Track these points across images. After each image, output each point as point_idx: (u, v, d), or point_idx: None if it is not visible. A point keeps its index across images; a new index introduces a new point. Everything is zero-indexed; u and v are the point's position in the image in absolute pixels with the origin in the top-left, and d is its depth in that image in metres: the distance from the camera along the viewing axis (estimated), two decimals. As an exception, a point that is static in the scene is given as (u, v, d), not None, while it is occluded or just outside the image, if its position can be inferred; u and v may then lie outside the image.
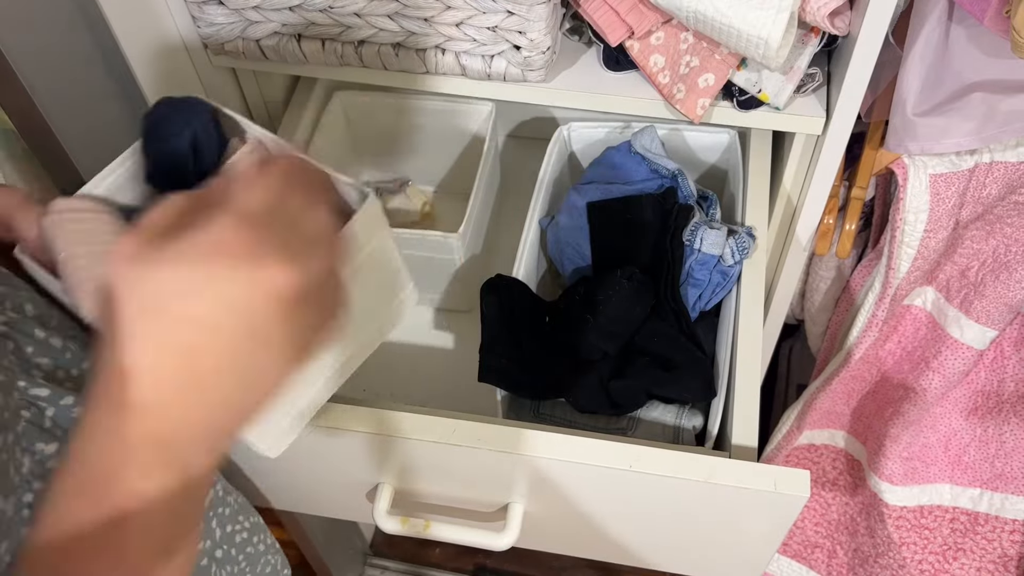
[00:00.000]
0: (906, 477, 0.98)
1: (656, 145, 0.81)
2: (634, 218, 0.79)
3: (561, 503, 0.70)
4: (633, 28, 0.76)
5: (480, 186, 0.88)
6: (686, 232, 0.75)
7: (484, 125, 0.94)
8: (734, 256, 0.75)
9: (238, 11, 0.79)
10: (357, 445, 0.67)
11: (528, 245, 0.82)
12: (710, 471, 0.63)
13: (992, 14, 0.65)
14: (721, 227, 0.76)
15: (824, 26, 0.70)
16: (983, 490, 0.98)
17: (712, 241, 0.74)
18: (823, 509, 1.08)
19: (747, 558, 0.74)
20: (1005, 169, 0.81)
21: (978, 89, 0.74)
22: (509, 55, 0.77)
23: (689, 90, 0.77)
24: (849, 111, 0.75)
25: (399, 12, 0.76)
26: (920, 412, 0.94)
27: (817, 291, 1.03)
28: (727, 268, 0.76)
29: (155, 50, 0.79)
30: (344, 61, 0.81)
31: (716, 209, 0.80)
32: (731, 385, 0.72)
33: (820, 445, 1.06)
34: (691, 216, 0.77)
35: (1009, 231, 0.84)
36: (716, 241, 0.74)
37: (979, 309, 0.88)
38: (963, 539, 0.99)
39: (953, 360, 0.91)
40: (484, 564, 1.38)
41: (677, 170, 0.80)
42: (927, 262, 0.87)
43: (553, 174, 0.89)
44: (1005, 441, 0.95)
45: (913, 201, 0.82)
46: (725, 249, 0.75)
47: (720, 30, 0.69)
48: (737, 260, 0.75)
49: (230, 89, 0.92)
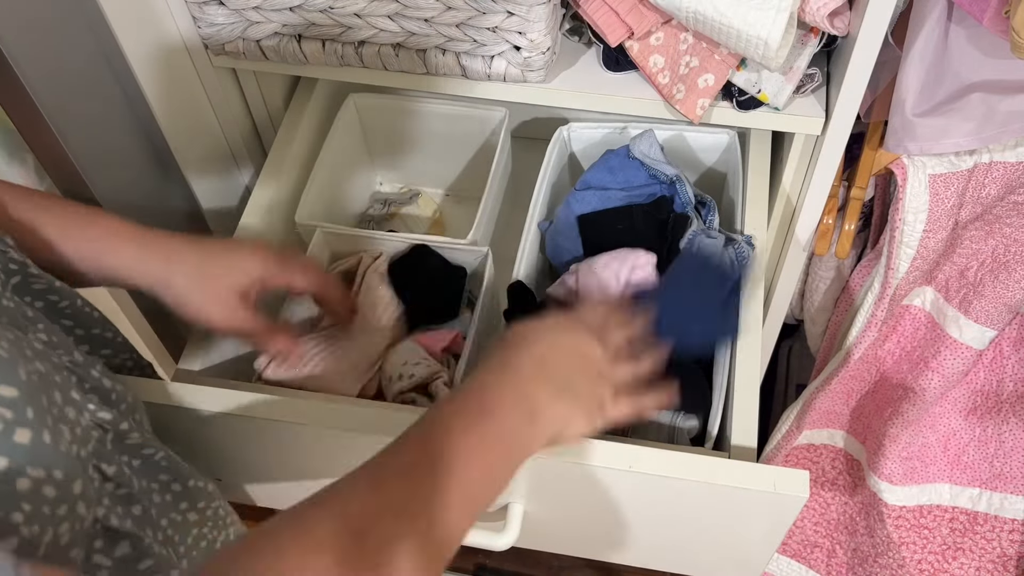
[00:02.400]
0: (905, 477, 0.98)
1: (655, 150, 0.81)
2: (624, 229, 0.79)
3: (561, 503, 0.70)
4: (633, 28, 0.76)
5: (491, 191, 0.88)
6: (683, 241, 0.75)
7: (496, 129, 0.94)
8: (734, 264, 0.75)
9: (239, 11, 0.79)
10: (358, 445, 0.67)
11: (528, 247, 0.82)
12: (709, 471, 0.63)
13: (991, 14, 0.65)
14: (718, 236, 0.76)
15: (824, 26, 0.70)
16: (982, 490, 0.98)
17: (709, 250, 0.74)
18: (822, 509, 1.08)
19: (746, 558, 0.74)
20: (1004, 169, 0.81)
21: (977, 89, 0.74)
22: (509, 55, 0.78)
23: (689, 90, 0.77)
24: (848, 111, 0.75)
25: (399, 12, 0.76)
26: (919, 412, 0.94)
27: (816, 291, 1.03)
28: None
29: (156, 50, 0.79)
30: (344, 62, 0.81)
31: (714, 215, 0.80)
32: (730, 385, 0.72)
33: (819, 445, 1.06)
34: (688, 225, 0.77)
35: (1008, 231, 0.84)
36: (713, 250, 0.74)
37: (978, 309, 0.88)
38: (962, 539, 0.99)
39: (952, 360, 0.91)
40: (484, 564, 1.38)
41: (675, 176, 0.79)
42: (926, 262, 0.87)
43: (553, 175, 0.89)
44: (1004, 441, 0.95)
45: (912, 201, 0.82)
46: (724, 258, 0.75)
47: (720, 30, 0.70)
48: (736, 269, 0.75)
49: (230, 90, 0.92)
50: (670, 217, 0.78)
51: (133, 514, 0.51)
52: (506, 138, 0.93)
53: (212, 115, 0.90)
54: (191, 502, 0.58)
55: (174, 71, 0.83)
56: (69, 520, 0.43)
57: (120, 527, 0.49)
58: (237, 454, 0.72)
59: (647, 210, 0.79)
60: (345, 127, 0.96)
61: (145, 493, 0.54)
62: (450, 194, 1.07)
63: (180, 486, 0.58)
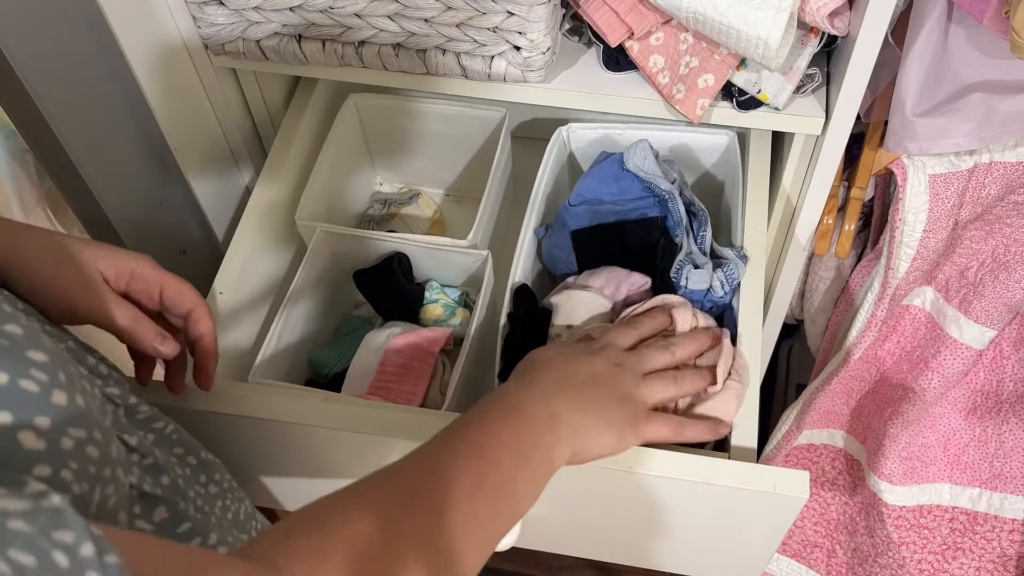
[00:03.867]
0: (905, 477, 0.98)
1: (649, 163, 0.79)
2: (617, 248, 0.79)
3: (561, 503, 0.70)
4: (633, 29, 0.76)
5: (490, 192, 0.88)
6: (672, 271, 0.75)
7: (496, 130, 0.94)
8: (723, 287, 0.75)
9: (239, 12, 0.79)
10: (358, 445, 0.68)
11: (524, 251, 0.82)
12: (709, 472, 0.63)
13: (991, 14, 0.65)
14: (706, 263, 0.76)
15: (823, 26, 0.70)
16: (982, 490, 0.98)
17: (697, 279, 0.74)
18: (822, 509, 1.08)
19: (746, 558, 0.74)
20: (1004, 169, 0.81)
21: (977, 89, 0.74)
22: (509, 56, 0.77)
23: (689, 90, 0.77)
24: (848, 111, 0.75)
25: (399, 13, 0.76)
26: (919, 412, 0.94)
27: (816, 291, 1.03)
28: (718, 299, 0.76)
29: (156, 50, 0.79)
30: (344, 62, 0.81)
31: (706, 229, 0.79)
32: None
33: (819, 445, 1.06)
34: (676, 254, 0.76)
35: (1008, 231, 0.84)
36: (701, 278, 0.74)
37: (978, 309, 0.88)
38: (962, 539, 0.99)
39: (952, 360, 0.91)
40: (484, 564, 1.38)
41: (668, 193, 0.78)
42: (926, 262, 0.87)
43: (552, 175, 0.89)
44: (1004, 441, 0.95)
45: (912, 201, 0.82)
46: (714, 282, 0.75)
47: (720, 30, 0.70)
48: (727, 291, 0.75)
49: (231, 90, 0.92)
50: (660, 242, 0.78)
51: (163, 483, 0.51)
52: (506, 138, 0.93)
53: (212, 115, 0.90)
54: (208, 474, 0.58)
55: (174, 71, 0.83)
56: (113, 483, 0.43)
57: (155, 493, 0.50)
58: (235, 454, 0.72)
59: (639, 230, 0.79)
60: (345, 127, 0.96)
61: (168, 465, 0.54)
62: (450, 194, 1.07)
63: (195, 459, 0.58)
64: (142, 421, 0.55)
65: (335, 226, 0.87)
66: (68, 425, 0.40)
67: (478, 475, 0.51)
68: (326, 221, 0.89)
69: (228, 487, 0.60)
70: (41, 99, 0.69)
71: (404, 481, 0.49)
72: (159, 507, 0.50)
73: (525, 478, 0.54)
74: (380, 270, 0.88)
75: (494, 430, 0.54)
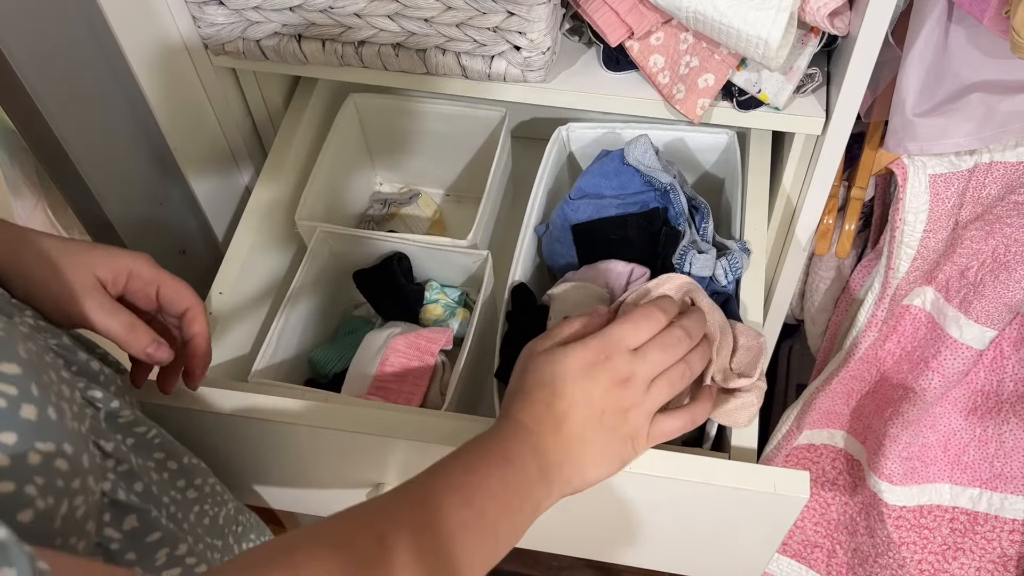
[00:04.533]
0: (906, 477, 0.98)
1: (649, 157, 0.80)
2: (618, 239, 0.79)
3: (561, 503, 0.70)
4: (633, 28, 0.76)
5: (490, 192, 0.88)
6: (675, 257, 0.75)
7: (495, 129, 0.94)
8: (727, 276, 0.75)
9: (238, 11, 0.79)
10: (358, 445, 0.67)
11: (524, 250, 0.82)
12: (709, 472, 0.63)
13: (992, 14, 0.65)
14: (710, 249, 0.76)
15: (824, 26, 0.70)
16: (982, 490, 0.98)
17: (701, 264, 0.74)
18: (823, 509, 1.08)
19: (746, 558, 0.74)
20: (1004, 169, 0.81)
21: (977, 89, 0.74)
22: (509, 55, 0.77)
23: (689, 90, 0.77)
24: (849, 111, 0.75)
25: (399, 12, 0.76)
26: (920, 412, 0.94)
27: (817, 291, 1.03)
28: (720, 288, 0.75)
29: (156, 50, 0.79)
30: (344, 61, 0.81)
31: (708, 222, 0.79)
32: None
33: (820, 445, 1.06)
34: (679, 240, 0.76)
35: (1008, 231, 0.84)
36: (705, 264, 0.74)
37: (978, 309, 0.88)
38: (962, 539, 0.99)
39: (952, 360, 0.91)
40: None
41: (670, 185, 0.79)
42: (926, 262, 0.87)
43: (551, 175, 0.89)
44: (1004, 441, 0.95)
45: (912, 201, 0.82)
46: (717, 269, 0.75)
47: (720, 30, 0.69)
48: (730, 280, 0.75)
49: (231, 90, 0.92)
50: (662, 231, 0.78)
51: (136, 490, 0.51)
52: (506, 138, 0.93)
53: (212, 115, 0.90)
54: (188, 479, 0.58)
55: (174, 71, 0.83)
56: (83, 493, 0.43)
57: (127, 501, 0.49)
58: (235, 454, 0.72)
59: (641, 221, 0.79)
60: (345, 127, 0.96)
61: (144, 471, 0.54)
62: (450, 194, 1.07)
63: (175, 464, 0.58)
64: (123, 425, 0.55)
65: (335, 226, 0.87)
66: (36, 439, 0.40)
67: (461, 521, 0.50)
68: (326, 221, 0.89)
69: (209, 492, 0.59)
70: (41, 99, 0.69)
71: (385, 520, 0.48)
72: (130, 515, 0.49)
73: (508, 526, 0.53)
74: (380, 270, 0.88)
75: (481, 477, 0.52)
